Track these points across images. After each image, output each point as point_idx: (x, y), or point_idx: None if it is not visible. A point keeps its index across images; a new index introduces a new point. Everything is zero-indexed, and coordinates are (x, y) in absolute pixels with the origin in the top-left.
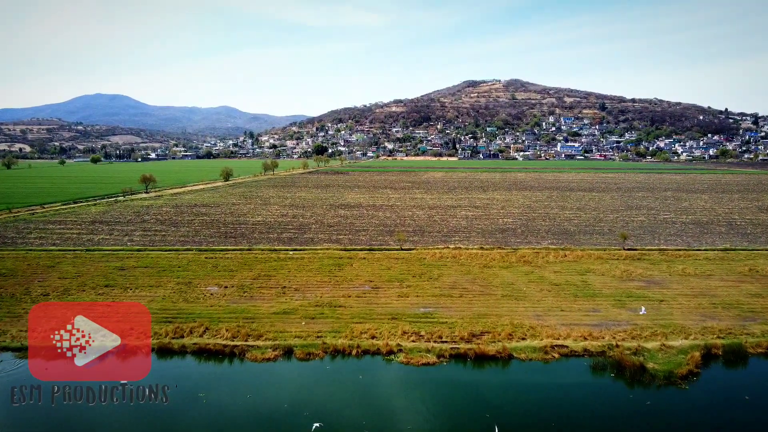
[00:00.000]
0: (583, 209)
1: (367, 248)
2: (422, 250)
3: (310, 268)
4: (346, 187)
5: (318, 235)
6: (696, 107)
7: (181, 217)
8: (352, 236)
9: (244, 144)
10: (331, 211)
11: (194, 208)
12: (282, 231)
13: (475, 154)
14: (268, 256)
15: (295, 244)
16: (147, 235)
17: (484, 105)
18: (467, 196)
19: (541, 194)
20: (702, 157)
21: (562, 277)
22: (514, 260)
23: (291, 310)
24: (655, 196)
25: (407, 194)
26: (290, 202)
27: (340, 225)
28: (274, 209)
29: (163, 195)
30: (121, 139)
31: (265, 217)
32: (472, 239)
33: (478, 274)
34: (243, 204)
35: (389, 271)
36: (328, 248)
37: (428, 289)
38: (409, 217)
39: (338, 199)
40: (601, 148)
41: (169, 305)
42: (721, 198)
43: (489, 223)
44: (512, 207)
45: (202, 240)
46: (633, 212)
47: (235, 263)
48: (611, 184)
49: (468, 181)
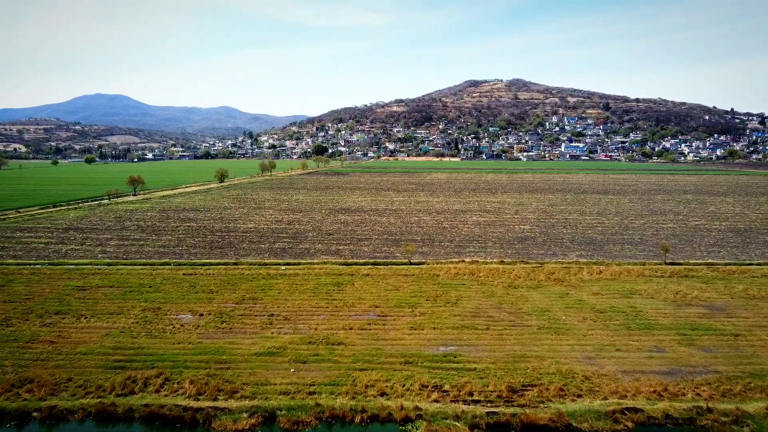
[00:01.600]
0: (603, 214)
1: (371, 262)
2: (434, 265)
3: (305, 288)
4: (347, 189)
5: (315, 246)
6: (701, 107)
7: (166, 223)
8: (354, 247)
9: (243, 144)
10: (330, 217)
11: (181, 212)
12: (275, 240)
13: (478, 154)
14: (256, 273)
15: (289, 256)
16: (123, 245)
17: (486, 105)
18: (476, 199)
19: (554, 197)
20: (709, 158)
21: (605, 301)
22: (542, 278)
23: (278, 350)
24: (676, 199)
25: (411, 197)
26: (286, 206)
27: (340, 233)
28: (268, 214)
29: (151, 198)
30: (120, 139)
31: (258, 224)
32: (489, 250)
33: (503, 296)
34: (235, 208)
35: (398, 293)
36: (326, 262)
37: (446, 317)
38: (415, 224)
39: (338, 203)
40: (605, 148)
41: (127, 341)
42: (748, 201)
43: (504, 230)
44: (526, 212)
45: (183, 251)
46: (659, 218)
47: (217, 281)
48: (625, 186)
49: (474, 183)
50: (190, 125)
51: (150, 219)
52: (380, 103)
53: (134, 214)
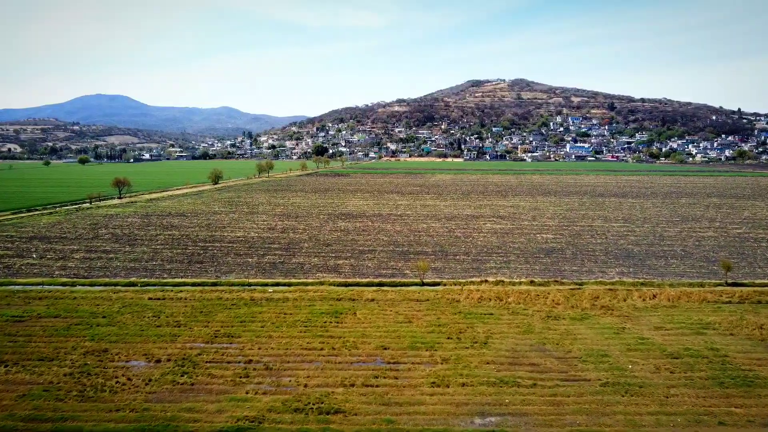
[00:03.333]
0: (630, 221)
1: (376, 282)
2: (452, 286)
3: (295, 319)
4: (348, 192)
5: (310, 259)
6: (707, 107)
7: (145, 231)
8: (355, 261)
9: (242, 144)
10: (329, 223)
11: (166, 218)
12: (265, 252)
13: (482, 155)
14: (238, 297)
15: (279, 273)
16: (88, 258)
17: (489, 105)
18: (487, 202)
19: (571, 201)
20: (718, 159)
21: (674, 340)
22: (586, 305)
23: (251, 424)
24: (702, 203)
25: (417, 200)
26: (282, 211)
27: (340, 243)
28: (260, 220)
29: (137, 201)
30: (118, 139)
31: (248, 232)
32: (513, 266)
33: (543, 331)
34: (225, 213)
35: (411, 327)
36: (323, 281)
37: (476, 366)
38: (424, 232)
39: (338, 207)
40: (611, 149)
41: (49, 407)
42: None
43: (525, 240)
44: (545, 217)
45: (156, 267)
46: (694, 225)
47: (187, 310)
48: (642, 189)
49: (481, 185)
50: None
51: (129, 226)
52: (381, 103)
53: (113, 219)
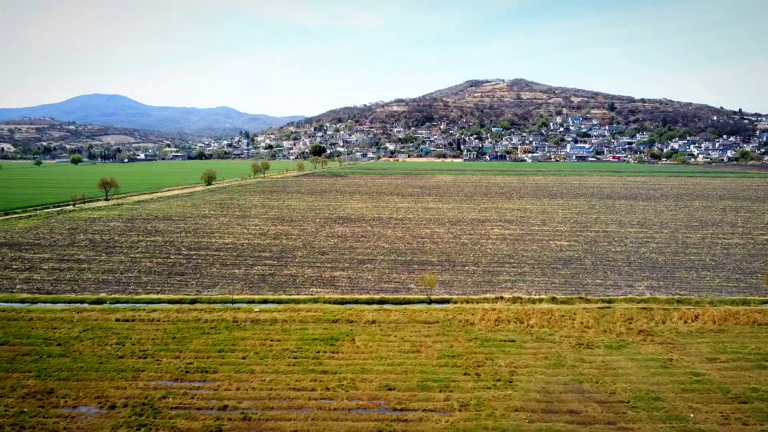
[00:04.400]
0: (647, 225)
1: (377, 299)
2: (463, 304)
3: (283, 348)
4: (345, 193)
5: (304, 271)
6: (708, 107)
7: (126, 237)
8: (353, 272)
9: (239, 144)
10: (325, 228)
11: (151, 222)
12: (254, 262)
13: (481, 155)
14: (219, 318)
15: (268, 288)
16: (58, 269)
17: (489, 105)
18: (491, 205)
19: (579, 203)
20: (720, 159)
21: (736, 378)
22: (621, 328)
23: None
24: (717, 206)
25: (418, 203)
26: (275, 214)
27: (337, 251)
28: (252, 225)
29: (124, 203)
30: (114, 139)
31: (237, 238)
32: (529, 278)
33: (577, 364)
34: (215, 217)
35: (419, 359)
36: (317, 298)
37: (503, 415)
38: (428, 238)
39: (335, 210)
40: (612, 149)
41: None
42: None
43: (538, 248)
44: (555, 222)
45: (131, 280)
46: (715, 231)
47: (159, 335)
48: (651, 191)
49: (484, 186)
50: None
51: (109, 231)
52: (380, 103)
53: (94, 224)
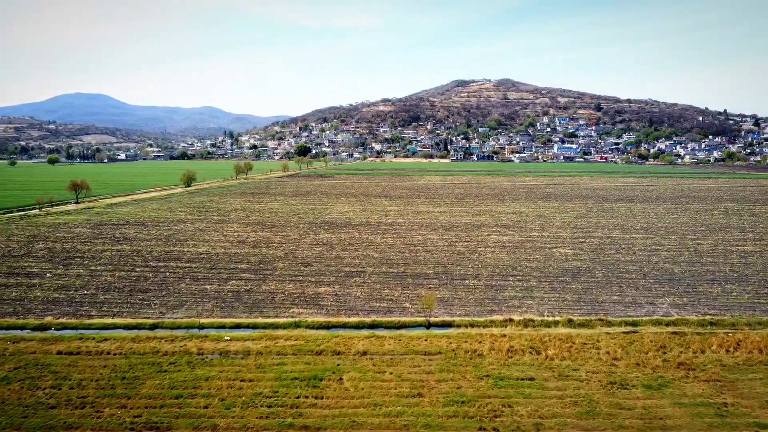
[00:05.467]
0: (651, 230)
1: (368, 323)
2: (468, 329)
3: (255, 392)
4: (331, 196)
5: (285, 286)
6: (694, 108)
7: (90, 245)
8: (340, 287)
9: (222, 144)
10: (309, 235)
11: (120, 228)
12: (229, 276)
13: (469, 155)
14: (181, 350)
15: (243, 307)
16: (3, 285)
17: (476, 105)
18: (485, 208)
19: (575, 206)
20: (707, 160)
21: None
22: (655, 360)
23: None
24: (718, 209)
25: (408, 206)
26: (256, 219)
27: (322, 261)
28: (230, 231)
29: (95, 207)
30: (94, 138)
31: (213, 246)
32: (537, 294)
33: (613, 412)
34: (192, 222)
35: (421, 407)
36: (299, 321)
37: None
38: (421, 246)
39: (321, 214)
40: (600, 149)
41: None
42: None
43: (542, 257)
44: (554, 227)
45: (87, 298)
46: (726, 236)
47: (106, 373)
48: (646, 192)
49: (474, 188)
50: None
51: (73, 238)
52: (366, 103)
53: (57, 230)
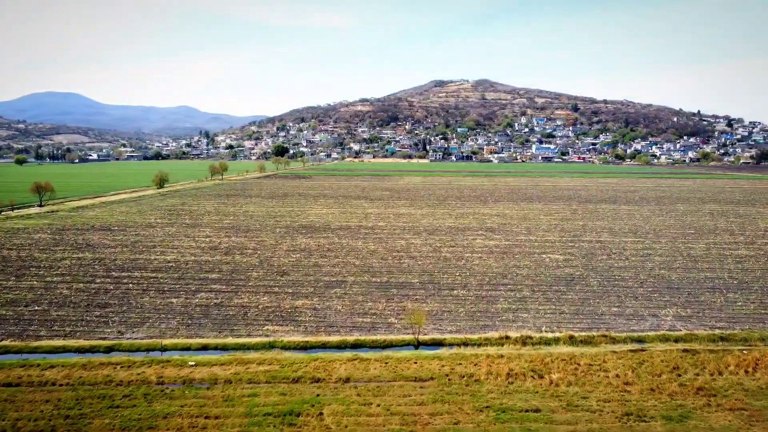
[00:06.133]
0: (640, 233)
1: (350, 342)
2: (461, 349)
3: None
4: (309, 197)
5: (259, 299)
6: (669, 109)
7: (49, 253)
8: (319, 300)
9: (198, 144)
10: (286, 240)
11: (84, 234)
12: (198, 287)
13: (447, 155)
14: (138, 378)
15: (212, 325)
16: None
17: (454, 105)
18: (468, 210)
19: (559, 208)
20: (683, 160)
21: None
22: (671, 385)
23: None
24: (704, 211)
25: (389, 208)
26: (230, 222)
27: (299, 270)
28: (202, 236)
29: (59, 210)
30: (66, 138)
31: (182, 254)
32: (531, 306)
33: None
34: (162, 226)
35: None
36: (274, 342)
37: None
38: (404, 252)
39: (298, 217)
40: (577, 150)
41: None
42: None
43: (532, 264)
44: (540, 230)
45: (37, 315)
46: (717, 240)
47: (47, 410)
48: (628, 193)
49: (455, 189)
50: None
51: (31, 246)
52: (344, 102)
53: (15, 236)
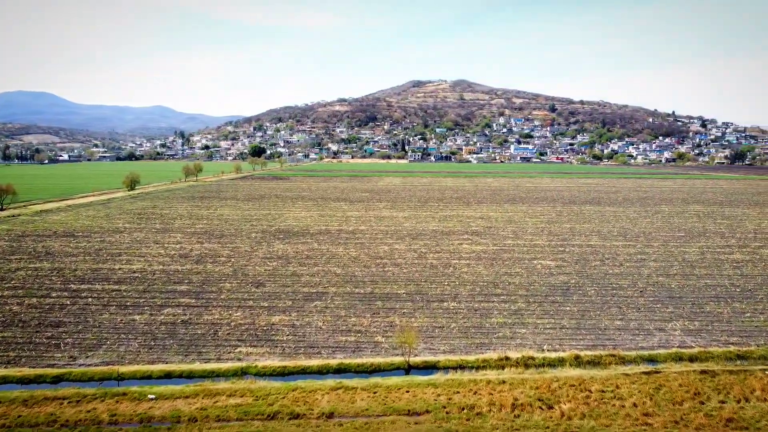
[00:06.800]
0: (630, 237)
1: (334, 366)
2: (457, 374)
3: None
4: (287, 200)
5: (231, 315)
6: (644, 110)
7: (3, 263)
8: (298, 315)
9: (173, 144)
10: (262, 246)
11: (45, 240)
12: (165, 301)
13: (426, 156)
14: (89, 417)
15: (177, 347)
16: None
17: (432, 105)
18: (451, 213)
19: (544, 210)
20: (659, 160)
21: None
22: (697, 416)
23: None
24: (689, 211)
25: (370, 210)
26: (203, 227)
27: (276, 280)
28: (172, 242)
29: (22, 214)
30: (36, 138)
31: (150, 263)
32: (529, 320)
33: None
34: (129, 231)
35: None
36: (247, 367)
37: None
38: (388, 259)
39: (275, 220)
40: (555, 150)
41: None
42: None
43: (523, 271)
44: (528, 233)
45: None
46: (708, 243)
47: None
48: (610, 194)
49: (437, 190)
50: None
51: None
52: (322, 102)
53: None
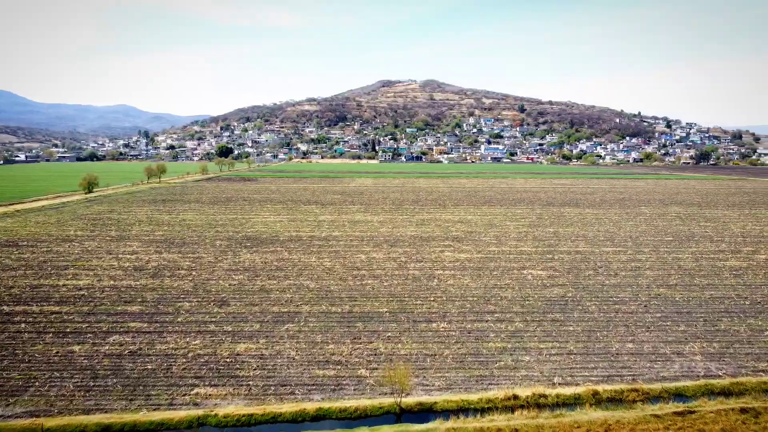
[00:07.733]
0: (618, 242)
1: (311, 411)
2: (459, 421)
3: None
4: (255, 203)
5: (190, 343)
6: (611, 110)
7: None
8: (267, 343)
9: (137, 144)
10: (227, 256)
11: None
12: (112, 327)
13: (397, 156)
14: None
15: (121, 388)
16: None
17: (402, 105)
18: (429, 217)
19: (523, 212)
20: (626, 160)
21: None
22: None
23: None
24: (671, 213)
25: (343, 214)
26: (163, 234)
27: (242, 297)
28: (127, 252)
29: None
30: None
31: (99, 277)
32: (530, 344)
33: None
34: (81, 240)
35: None
36: (205, 416)
37: None
38: (365, 269)
39: (242, 226)
40: (525, 150)
41: None
42: (758, 215)
43: (514, 283)
44: (511, 239)
45: None
46: (700, 248)
47: None
48: (588, 195)
49: (410, 192)
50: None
51: None
52: (291, 102)
53: None
